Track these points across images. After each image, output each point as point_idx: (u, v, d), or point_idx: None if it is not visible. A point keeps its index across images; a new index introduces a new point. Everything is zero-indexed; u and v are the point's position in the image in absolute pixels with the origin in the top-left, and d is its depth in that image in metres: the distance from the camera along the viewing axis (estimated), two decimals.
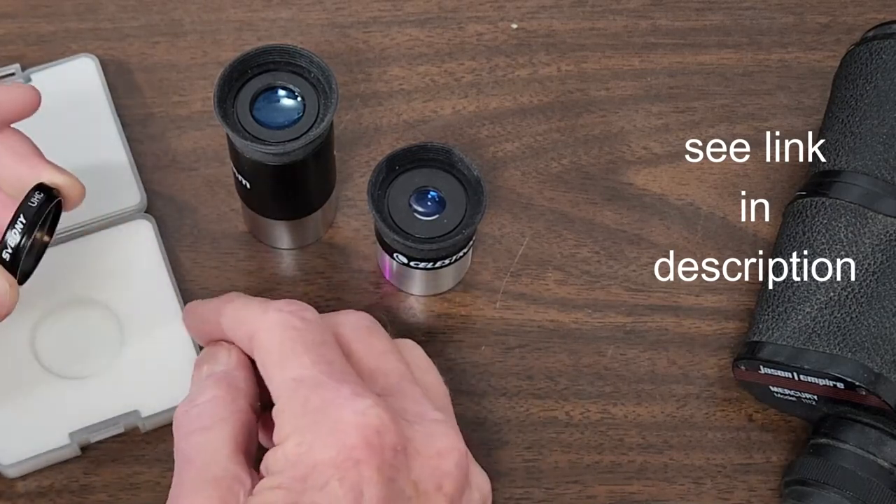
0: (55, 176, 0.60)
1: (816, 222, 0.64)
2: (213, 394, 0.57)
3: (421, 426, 0.55)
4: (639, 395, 0.68)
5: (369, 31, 0.75)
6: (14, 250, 0.58)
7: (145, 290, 0.68)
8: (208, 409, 0.57)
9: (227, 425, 0.56)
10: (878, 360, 0.61)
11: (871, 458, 0.62)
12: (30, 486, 0.65)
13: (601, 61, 0.75)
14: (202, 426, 0.56)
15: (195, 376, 0.59)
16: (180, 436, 0.57)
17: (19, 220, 0.58)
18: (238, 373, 0.58)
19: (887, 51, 0.66)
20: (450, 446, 0.55)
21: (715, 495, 0.66)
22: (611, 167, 0.72)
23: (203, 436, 0.56)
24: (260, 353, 0.56)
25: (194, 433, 0.56)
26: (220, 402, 0.57)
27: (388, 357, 0.58)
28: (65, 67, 0.72)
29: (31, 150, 0.61)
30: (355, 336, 0.58)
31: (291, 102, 0.64)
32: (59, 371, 0.66)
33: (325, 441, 0.52)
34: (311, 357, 0.55)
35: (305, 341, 0.55)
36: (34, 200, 0.59)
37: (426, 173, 0.65)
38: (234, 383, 0.58)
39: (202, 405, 0.57)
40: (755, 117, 0.74)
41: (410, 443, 0.54)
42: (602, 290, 0.70)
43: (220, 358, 0.59)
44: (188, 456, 0.56)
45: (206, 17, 0.75)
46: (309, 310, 0.57)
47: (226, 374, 0.58)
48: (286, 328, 0.56)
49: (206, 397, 0.57)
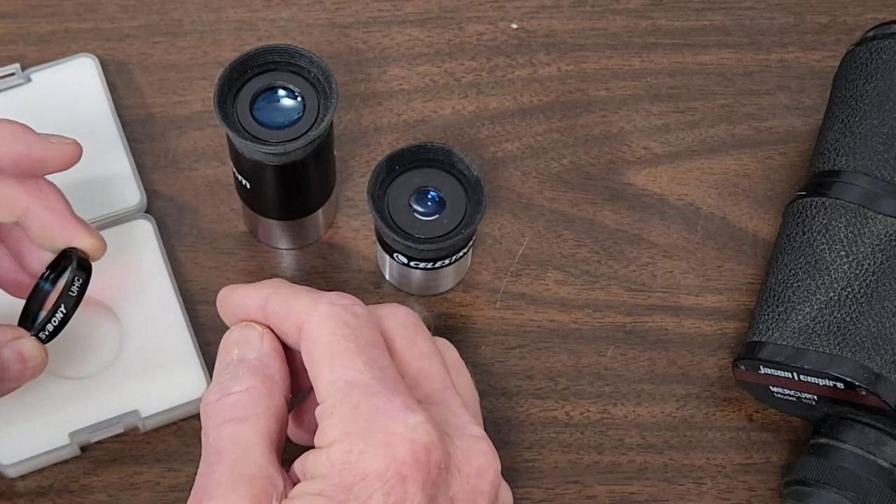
0: (87, 240, 0.62)
1: (816, 222, 0.64)
2: (249, 384, 0.55)
3: (461, 442, 0.54)
4: (639, 395, 0.68)
5: (369, 31, 0.75)
6: (50, 334, 0.61)
7: (145, 290, 0.68)
8: (244, 400, 0.55)
9: (262, 420, 0.54)
10: (878, 360, 0.61)
11: (871, 458, 0.62)
12: (30, 486, 0.65)
13: (601, 61, 0.75)
14: (236, 417, 0.54)
15: (222, 357, 0.57)
16: (211, 425, 0.55)
17: (60, 311, 0.61)
18: (272, 363, 0.56)
19: (887, 51, 0.66)
20: (487, 465, 0.54)
21: (715, 495, 0.66)
22: (611, 167, 0.72)
23: (237, 428, 0.54)
24: (308, 346, 0.54)
25: (227, 424, 0.54)
26: (256, 395, 0.55)
27: (432, 360, 0.57)
28: (65, 67, 0.72)
29: (65, 207, 0.62)
30: (400, 334, 0.57)
31: (291, 102, 0.64)
32: (59, 371, 0.66)
33: (374, 452, 0.51)
34: (363, 359, 0.53)
35: (358, 341, 0.54)
36: (73, 290, 0.61)
37: (426, 173, 0.65)
38: (270, 374, 0.56)
39: (237, 395, 0.55)
40: (755, 117, 0.74)
41: (451, 460, 0.53)
42: (602, 290, 0.70)
43: (253, 342, 0.57)
44: (219, 447, 0.54)
45: (205, 17, 0.75)
46: (359, 304, 0.55)
47: (261, 362, 0.56)
48: (339, 324, 0.54)
49: (241, 386, 0.55)
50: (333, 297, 0.55)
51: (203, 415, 0.55)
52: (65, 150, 0.62)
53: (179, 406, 0.65)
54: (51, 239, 0.62)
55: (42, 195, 0.62)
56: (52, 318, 0.61)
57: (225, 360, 0.57)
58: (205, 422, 0.55)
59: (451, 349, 0.59)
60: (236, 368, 0.56)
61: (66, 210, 0.62)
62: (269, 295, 0.56)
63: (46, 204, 0.62)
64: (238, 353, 0.57)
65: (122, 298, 0.68)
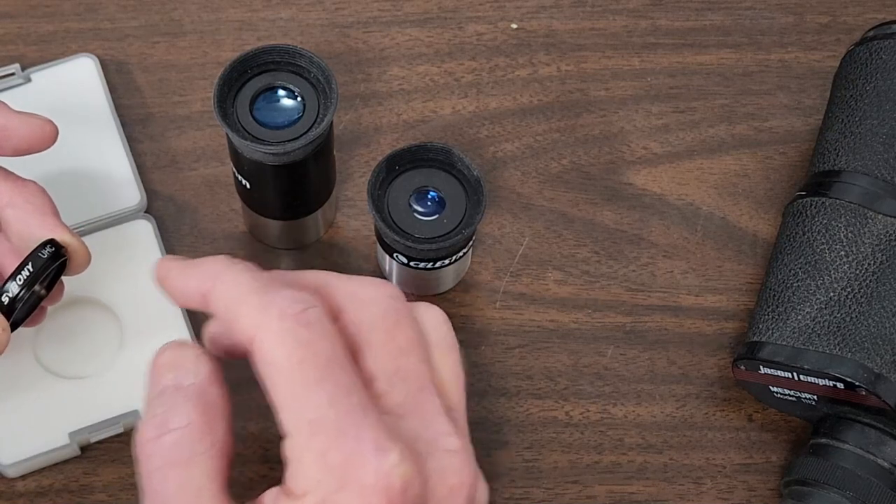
0: (66, 237, 0.60)
1: (816, 222, 0.64)
2: (189, 419, 0.50)
3: (434, 461, 0.50)
4: (639, 395, 0.68)
5: (369, 31, 0.75)
6: (13, 298, 0.58)
7: (145, 290, 0.68)
8: (185, 438, 0.50)
9: (208, 459, 0.50)
10: (878, 360, 0.61)
11: (871, 458, 0.62)
12: (30, 486, 0.65)
13: (601, 61, 0.75)
14: (179, 460, 0.50)
15: (155, 382, 0.52)
16: (153, 467, 0.50)
17: (26, 269, 0.58)
18: (212, 388, 0.51)
19: (887, 51, 0.66)
20: (460, 483, 0.51)
21: (715, 495, 0.66)
22: (611, 167, 0.72)
23: (182, 473, 0.50)
24: (262, 367, 0.49)
25: (170, 468, 0.50)
26: (197, 431, 0.50)
27: (410, 357, 0.52)
28: (65, 67, 0.72)
29: (48, 206, 0.60)
30: (378, 326, 0.52)
31: (291, 102, 0.64)
32: (59, 371, 0.66)
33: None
34: (326, 390, 0.48)
35: (317, 363, 0.49)
36: (44, 253, 0.59)
37: (426, 173, 0.65)
38: (210, 402, 0.51)
39: (178, 433, 0.50)
40: (755, 117, 0.74)
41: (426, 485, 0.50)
42: (602, 290, 0.70)
43: (188, 366, 0.52)
44: (165, 497, 0.50)
45: (205, 17, 0.75)
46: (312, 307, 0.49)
47: (199, 390, 0.51)
48: (294, 345, 0.49)
49: (180, 422, 0.50)
50: (284, 303, 0.49)
51: (140, 455, 0.50)
52: (33, 122, 0.60)
53: None
54: (31, 235, 0.59)
55: (24, 191, 0.60)
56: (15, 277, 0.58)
57: (158, 387, 0.52)
58: (144, 463, 0.50)
59: (439, 324, 0.54)
60: (173, 398, 0.51)
61: (48, 209, 0.60)
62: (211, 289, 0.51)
63: (27, 199, 0.60)
64: (173, 378, 0.51)
65: (122, 298, 0.68)
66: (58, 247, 0.60)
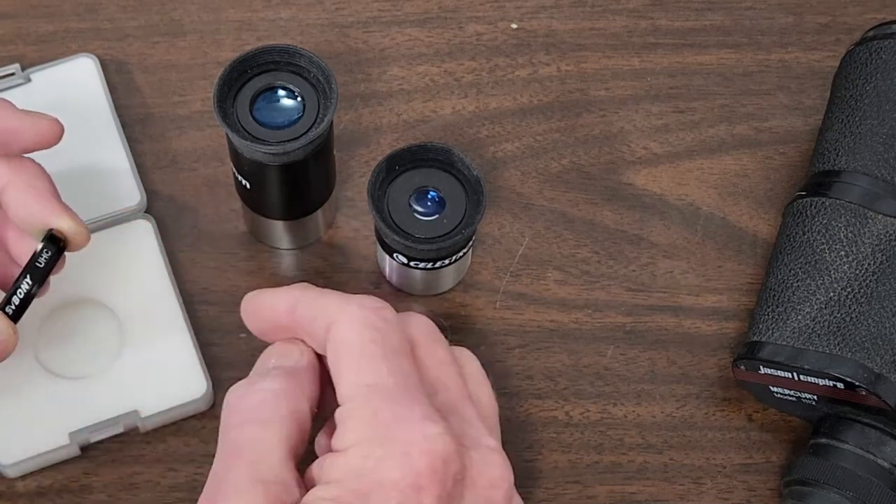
0: (66, 222, 0.61)
1: (816, 222, 0.64)
2: (278, 385, 0.54)
3: (477, 453, 0.53)
4: (639, 395, 0.68)
5: (369, 31, 0.75)
6: (17, 306, 0.60)
7: (145, 290, 0.68)
8: (269, 400, 0.54)
9: (285, 424, 0.54)
10: (878, 360, 0.61)
11: (871, 458, 0.62)
12: (30, 486, 0.65)
13: (601, 61, 0.75)
14: (259, 418, 0.54)
15: (260, 364, 0.57)
16: (233, 422, 0.54)
17: (26, 281, 0.60)
18: (306, 373, 0.56)
19: (887, 51, 0.66)
20: (501, 477, 0.54)
21: (715, 495, 0.66)
22: (611, 167, 0.72)
23: (259, 430, 0.53)
24: (335, 346, 0.54)
25: (249, 424, 0.54)
26: (282, 396, 0.54)
27: (448, 369, 0.56)
28: (65, 67, 0.72)
29: (49, 187, 0.61)
30: (422, 341, 0.56)
31: (291, 102, 0.64)
32: (59, 371, 0.66)
33: (393, 461, 0.51)
34: (388, 365, 0.53)
35: (385, 345, 0.53)
36: (41, 261, 0.60)
37: (426, 173, 0.65)
38: (300, 382, 0.55)
39: (262, 394, 0.54)
40: (755, 117, 0.74)
41: (467, 471, 0.52)
42: (602, 290, 0.70)
43: (293, 354, 0.56)
44: (238, 448, 0.53)
45: (205, 17, 0.75)
46: (388, 308, 0.55)
47: (294, 370, 0.56)
48: (367, 327, 0.54)
49: (268, 386, 0.54)
50: (364, 300, 0.55)
51: (225, 411, 0.55)
52: (41, 123, 0.62)
53: (179, 406, 0.65)
54: (30, 217, 0.60)
55: (25, 172, 0.61)
56: (16, 289, 0.60)
57: (261, 367, 0.56)
58: (226, 418, 0.54)
59: (472, 360, 0.59)
60: (269, 370, 0.56)
61: (48, 190, 0.61)
62: (298, 297, 0.56)
63: (29, 181, 0.61)
64: (276, 361, 0.56)
65: (122, 298, 0.68)
66: (56, 242, 0.60)
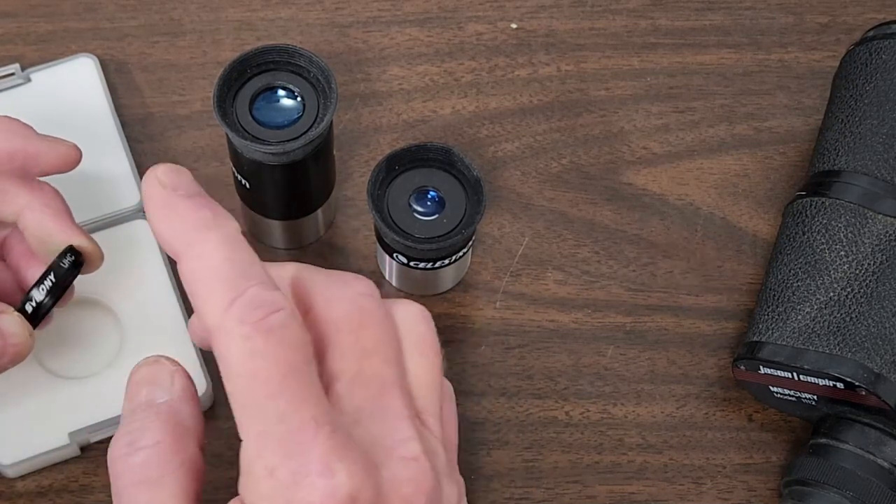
0: (83, 241, 0.62)
1: (816, 222, 0.64)
2: (159, 437, 0.50)
3: (388, 470, 0.49)
4: (638, 395, 0.68)
5: (369, 31, 0.75)
6: (37, 305, 0.60)
7: (145, 290, 0.68)
8: (154, 457, 0.50)
9: (177, 479, 0.50)
10: (878, 360, 0.61)
11: (871, 458, 0.62)
12: (29, 486, 0.65)
13: (601, 61, 0.75)
14: (148, 478, 0.50)
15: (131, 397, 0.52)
16: (122, 485, 0.50)
17: (49, 279, 0.60)
18: (184, 406, 0.51)
19: (887, 51, 0.66)
20: (415, 491, 0.49)
21: (715, 495, 0.66)
22: (611, 167, 0.72)
23: (150, 492, 0.50)
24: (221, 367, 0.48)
25: (139, 486, 0.50)
26: (166, 451, 0.50)
27: (372, 360, 0.50)
28: (65, 67, 0.72)
29: (64, 209, 0.62)
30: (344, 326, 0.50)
31: (291, 102, 0.64)
32: (59, 371, 0.66)
33: None
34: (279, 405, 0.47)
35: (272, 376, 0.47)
36: (65, 262, 0.61)
37: (426, 173, 0.65)
38: (181, 422, 0.51)
39: (146, 451, 0.50)
40: (755, 117, 0.74)
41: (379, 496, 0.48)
42: (602, 290, 0.70)
43: (163, 382, 0.52)
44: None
45: (205, 16, 0.75)
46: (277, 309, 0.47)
47: (170, 409, 0.51)
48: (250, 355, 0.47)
49: (150, 440, 0.50)
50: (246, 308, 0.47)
51: (111, 471, 0.51)
52: (60, 149, 0.62)
53: None
54: (49, 238, 0.61)
55: (42, 194, 0.62)
56: (39, 285, 0.60)
57: (133, 402, 0.52)
58: (114, 479, 0.51)
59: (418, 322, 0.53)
60: (145, 415, 0.51)
61: (64, 211, 0.62)
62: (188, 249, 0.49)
63: (45, 202, 0.62)
64: (146, 394, 0.52)
65: (122, 298, 0.68)
66: (77, 254, 0.61)
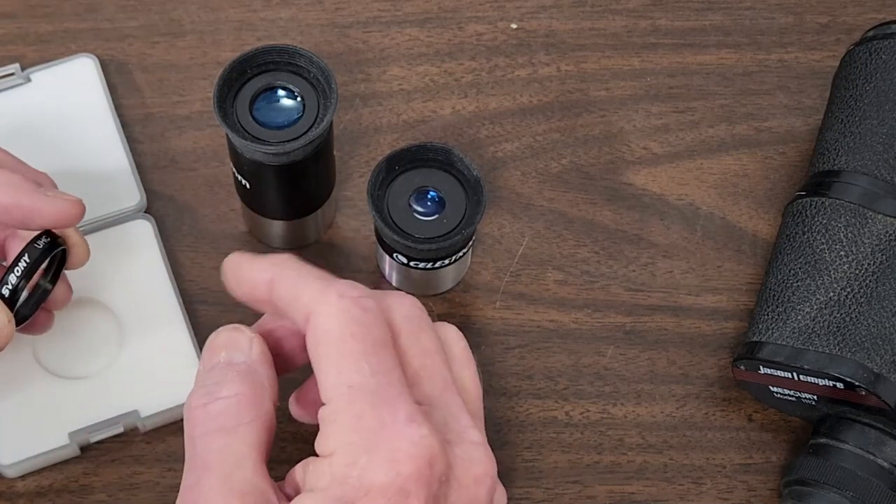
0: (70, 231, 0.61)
1: (816, 222, 0.64)
2: (238, 390, 0.53)
3: (460, 449, 0.53)
4: (638, 395, 0.68)
5: (369, 31, 0.75)
6: (13, 287, 0.59)
7: (145, 290, 0.68)
8: (232, 408, 0.52)
9: (252, 430, 0.52)
10: (878, 360, 0.61)
11: (871, 458, 0.62)
12: (29, 486, 0.65)
13: (601, 61, 0.75)
14: (224, 427, 0.52)
15: (208, 359, 0.55)
16: (197, 434, 0.52)
17: (23, 260, 0.59)
18: (262, 368, 0.54)
19: (887, 51, 0.66)
20: (484, 473, 0.53)
21: (715, 495, 0.66)
22: (610, 167, 0.72)
23: (225, 439, 0.52)
24: (315, 340, 0.52)
25: (214, 434, 0.52)
26: (244, 402, 0.52)
27: (434, 358, 0.55)
28: (64, 67, 0.72)
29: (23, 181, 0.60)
30: (405, 328, 0.54)
31: (291, 102, 0.64)
32: (59, 371, 0.66)
33: (378, 467, 0.50)
34: (370, 363, 0.51)
35: (366, 340, 0.52)
36: (39, 243, 0.60)
37: (426, 173, 0.65)
38: (258, 381, 0.54)
39: (224, 401, 0.52)
40: (755, 117, 0.74)
41: (451, 470, 0.52)
42: (602, 290, 0.70)
43: (242, 346, 0.55)
44: (207, 460, 0.52)
45: (205, 16, 0.75)
46: (369, 296, 0.53)
47: (249, 367, 0.54)
48: (348, 320, 0.52)
49: (229, 392, 0.53)
50: (344, 287, 0.53)
51: (187, 421, 0.53)
52: (60, 205, 0.60)
53: (179, 406, 0.65)
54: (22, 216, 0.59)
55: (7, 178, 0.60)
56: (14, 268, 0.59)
57: (211, 363, 0.55)
58: (189, 429, 0.53)
59: (458, 339, 0.57)
60: (224, 372, 0.54)
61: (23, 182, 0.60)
62: (278, 275, 0.54)
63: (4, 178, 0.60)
64: (226, 356, 0.54)
65: (122, 298, 0.68)
66: (54, 237, 0.60)
